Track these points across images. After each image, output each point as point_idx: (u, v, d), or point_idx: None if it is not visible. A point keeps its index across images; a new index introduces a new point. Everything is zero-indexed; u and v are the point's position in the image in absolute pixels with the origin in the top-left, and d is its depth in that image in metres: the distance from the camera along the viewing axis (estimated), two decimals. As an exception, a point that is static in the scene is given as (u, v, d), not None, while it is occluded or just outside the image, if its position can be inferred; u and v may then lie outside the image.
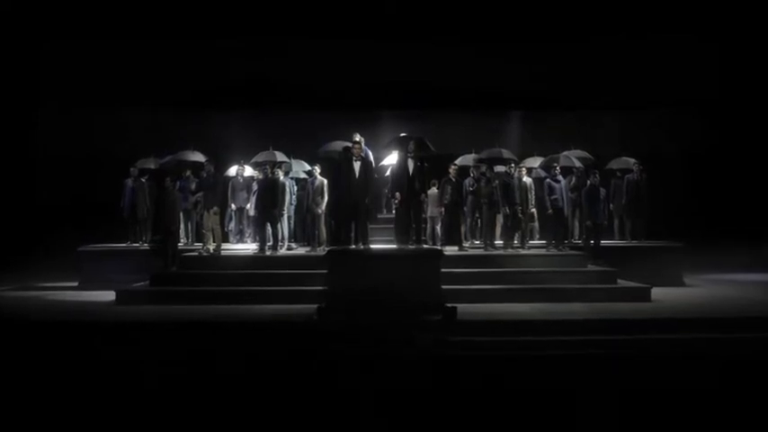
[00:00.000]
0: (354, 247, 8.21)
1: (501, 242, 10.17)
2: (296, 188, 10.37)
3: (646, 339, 6.71)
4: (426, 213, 9.90)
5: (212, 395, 4.95)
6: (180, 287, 8.65)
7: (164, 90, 12.57)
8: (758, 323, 7.04)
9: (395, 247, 8.62)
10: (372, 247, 8.42)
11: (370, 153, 9.44)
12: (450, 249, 9.40)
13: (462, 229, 10.32)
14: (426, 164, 9.09)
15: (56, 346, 6.18)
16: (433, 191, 10.10)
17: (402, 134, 9.94)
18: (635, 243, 10.73)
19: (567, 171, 10.51)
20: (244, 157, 10.91)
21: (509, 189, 9.83)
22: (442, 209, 10.07)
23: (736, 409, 4.57)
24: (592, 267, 9.32)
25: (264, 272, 8.88)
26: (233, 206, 10.83)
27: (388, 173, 10.76)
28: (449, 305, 7.00)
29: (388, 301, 6.87)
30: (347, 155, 8.48)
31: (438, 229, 10.27)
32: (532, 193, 10.12)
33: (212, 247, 9.50)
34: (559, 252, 9.67)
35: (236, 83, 12.83)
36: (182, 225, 10.44)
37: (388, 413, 4.55)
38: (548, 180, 10.07)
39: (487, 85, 12.88)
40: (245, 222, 11.11)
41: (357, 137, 8.55)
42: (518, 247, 9.98)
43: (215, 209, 9.56)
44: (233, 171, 10.92)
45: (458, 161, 10.80)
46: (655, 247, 10.53)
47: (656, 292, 8.47)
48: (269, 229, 9.59)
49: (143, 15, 12.01)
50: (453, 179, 10.08)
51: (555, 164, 10.23)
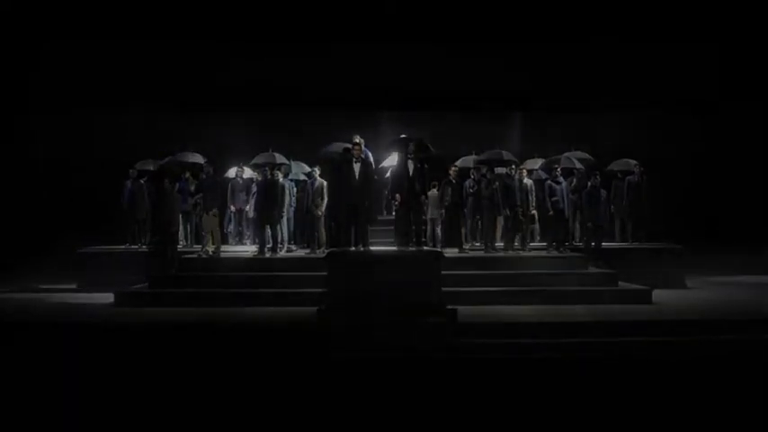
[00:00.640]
0: (354, 249, 8.15)
1: (501, 244, 10.13)
2: (295, 190, 10.32)
3: (647, 342, 6.69)
4: (426, 215, 9.85)
5: (211, 397, 4.92)
6: (179, 289, 8.60)
7: (163, 91, 12.56)
8: (760, 325, 7.02)
9: (395, 248, 8.58)
10: (372, 248, 8.37)
11: (370, 154, 9.42)
12: (451, 251, 9.36)
13: (463, 231, 10.28)
14: (426, 165, 9.03)
15: (51, 348, 6.14)
16: (433, 192, 10.06)
17: (402, 135, 9.90)
18: (636, 245, 10.70)
19: (568, 172, 10.49)
20: (243, 159, 10.89)
21: (509, 191, 9.80)
22: (443, 210, 10.04)
23: (737, 411, 4.55)
24: (593, 269, 9.28)
25: (264, 274, 8.85)
26: (232, 208, 10.80)
27: (388, 174, 10.72)
28: (449, 307, 6.96)
29: (388, 304, 6.84)
30: (347, 156, 8.43)
31: (438, 230, 10.22)
32: (533, 194, 10.07)
33: (211, 248, 9.46)
34: (560, 254, 9.63)
35: (235, 84, 12.81)
36: (181, 227, 10.38)
37: (388, 415, 4.52)
38: (548, 182, 10.03)
39: (487, 86, 12.87)
40: (244, 224, 11.09)
41: (357, 138, 8.50)
42: (518, 249, 9.93)
43: (214, 210, 9.54)
44: (232, 173, 10.90)
45: (458, 163, 10.77)
46: (656, 249, 10.49)
47: (657, 294, 8.42)
48: (268, 231, 9.55)
49: (144, 16, 12.00)
50: (453, 180, 10.05)
51: (556, 165, 10.20)
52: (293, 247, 10.36)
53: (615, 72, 12.82)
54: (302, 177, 10.63)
